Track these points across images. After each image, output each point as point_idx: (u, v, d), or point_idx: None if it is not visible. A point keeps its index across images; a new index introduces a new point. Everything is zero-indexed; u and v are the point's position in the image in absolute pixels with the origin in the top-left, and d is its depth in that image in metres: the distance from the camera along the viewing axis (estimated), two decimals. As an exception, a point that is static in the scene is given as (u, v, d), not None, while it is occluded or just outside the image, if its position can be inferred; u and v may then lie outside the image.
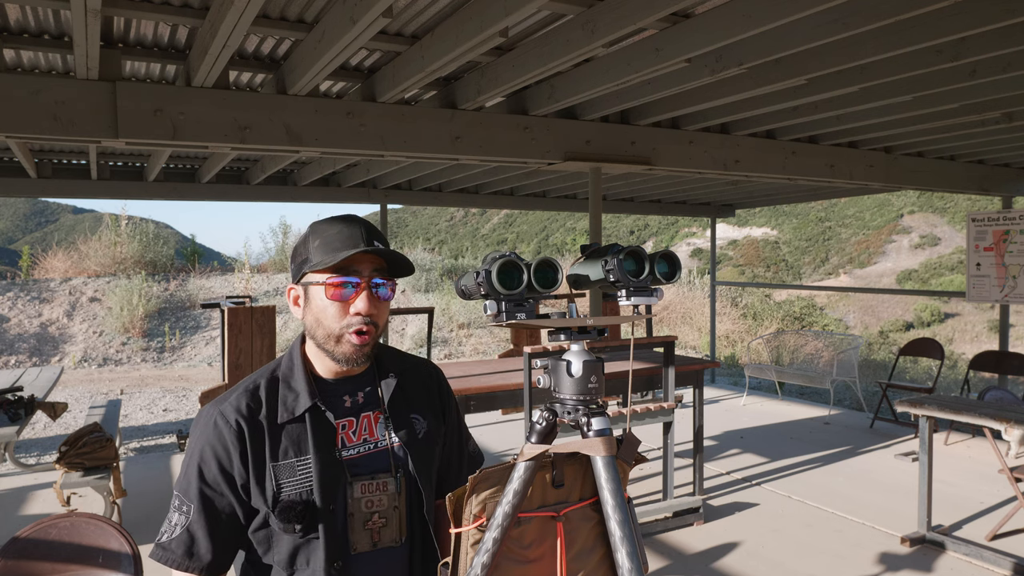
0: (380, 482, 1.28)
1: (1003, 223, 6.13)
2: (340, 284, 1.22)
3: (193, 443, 1.26)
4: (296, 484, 1.22)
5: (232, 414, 1.23)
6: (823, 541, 4.09)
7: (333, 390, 1.31)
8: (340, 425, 1.29)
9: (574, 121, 4.50)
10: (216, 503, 1.23)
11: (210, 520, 1.22)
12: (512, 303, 1.20)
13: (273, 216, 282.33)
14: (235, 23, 2.57)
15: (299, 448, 1.24)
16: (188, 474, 1.24)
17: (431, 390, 1.43)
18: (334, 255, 1.21)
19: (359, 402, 1.32)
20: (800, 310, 22.14)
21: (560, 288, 1.24)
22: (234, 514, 1.24)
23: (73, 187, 6.37)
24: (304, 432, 1.25)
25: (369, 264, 1.25)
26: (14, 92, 3.16)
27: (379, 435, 1.31)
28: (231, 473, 1.22)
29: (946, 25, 2.83)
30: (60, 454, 3.95)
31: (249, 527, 1.26)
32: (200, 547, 1.22)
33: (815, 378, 7.51)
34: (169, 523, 1.24)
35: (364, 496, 1.26)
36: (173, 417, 8.38)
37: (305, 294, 1.27)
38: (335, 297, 1.22)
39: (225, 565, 1.27)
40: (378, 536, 1.27)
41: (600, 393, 1.21)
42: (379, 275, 1.25)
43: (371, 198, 7.37)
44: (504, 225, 45.27)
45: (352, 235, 1.24)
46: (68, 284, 14.53)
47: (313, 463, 1.23)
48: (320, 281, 1.23)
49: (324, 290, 1.22)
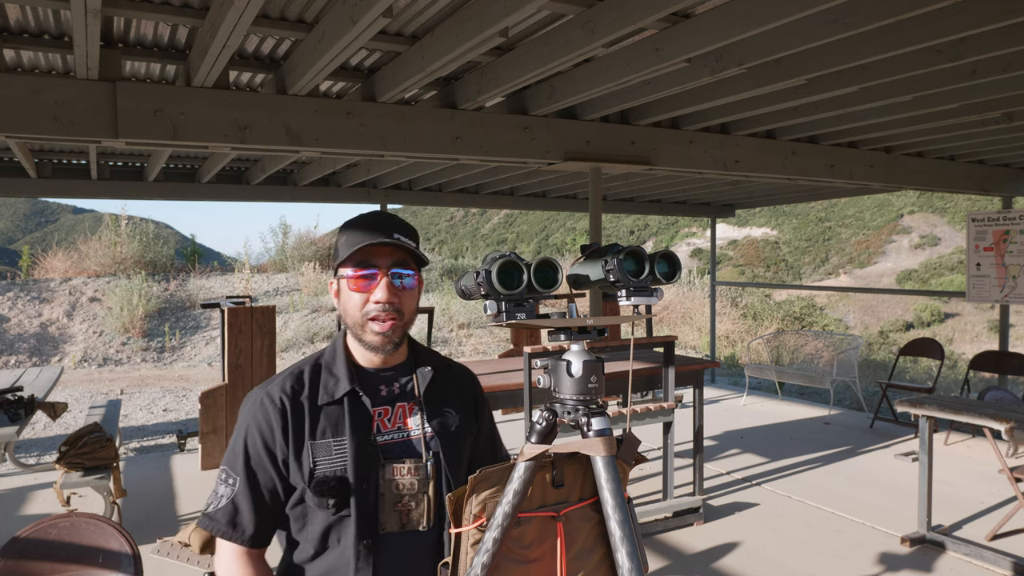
0: (411, 466, 1.34)
1: (1003, 223, 6.13)
2: (360, 276, 1.31)
3: (241, 421, 1.37)
4: (331, 462, 1.30)
5: (277, 394, 1.34)
6: (823, 541, 4.09)
7: (371, 379, 1.39)
8: (376, 412, 1.37)
9: (574, 121, 4.50)
10: (259, 477, 1.32)
11: (253, 493, 1.32)
12: (512, 303, 1.20)
13: (273, 216, 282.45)
14: (235, 23, 2.57)
15: (336, 429, 1.33)
16: (235, 449, 1.35)
17: (464, 389, 1.50)
18: (351, 248, 1.30)
19: (395, 392, 1.40)
20: (800, 310, 22.14)
21: (560, 288, 1.24)
22: (275, 489, 1.33)
23: (73, 187, 6.37)
24: (342, 415, 1.34)
25: (388, 256, 1.32)
26: (14, 92, 3.15)
27: (412, 424, 1.38)
28: (273, 449, 1.32)
29: (946, 25, 2.83)
30: (60, 454, 3.95)
31: (287, 503, 1.34)
32: (243, 518, 1.31)
33: (815, 378, 7.51)
34: (215, 495, 1.34)
35: (395, 478, 1.33)
36: (173, 417, 8.38)
37: (339, 287, 1.37)
38: (357, 288, 1.32)
39: (266, 539, 1.35)
40: (406, 518, 1.33)
41: (600, 393, 1.21)
42: (400, 266, 1.33)
43: (371, 198, 7.37)
44: (504, 225, 45.27)
45: (371, 229, 1.32)
46: (68, 284, 14.53)
47: (348, 443, 1.31)
48: (346, 275, 1.33)
49: (348, 282, 1.33)
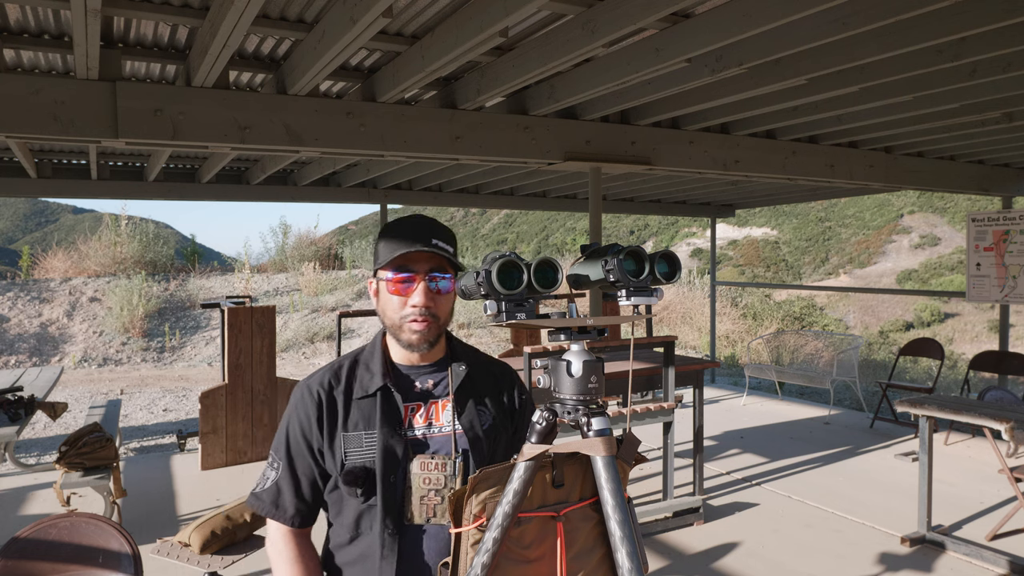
0: (439, 462, 1.38)
1: (1003, 223, 6.13)
2: (398, 280, 1.37)
3: (287, 411, 1.46)
4: (361, 454, 1.37)
5: (316, 387, 1.42)
6: (823, 541, 4.09)
7: (405, 375, 1.45)
8: (408, 408, 1.42)
9: (574, 121, 4.50)
10: (298, 464, 1.41)
11: (293, 478, 1.41)
12: (512, 303, 1.20)
13: (273, 216, 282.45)
14: (235, 23, 2.57)
15: (368, 422, 1.39)
16: (280, 436, 1.44)
17: (502, 387, 1.52)
18: (391, 254, 1.36)
19: (429, 388, 1.45)
20: (800, 310, 22.13)
21: (560, 288, 1.24)
22: (313, 476, 1.42)
23: (73, 187, 6.37)
24: (374, 409, 1.40)
25: (426, 262, 1.38)
26: (14, 92, 3.15)
27: (444, 421, 1.42)
28: (310, 439, 1.41)
29: (946, 25, 2.83)
30: (60, 454, 3.95)
31: (325, 489, 1.43)
32: (285, 500, 1.41)
33: (815, 378, 7.51)
34: (263, 476, 1.45)
35: (423, 472, 1.38)
36: (173, 417, 8.38)
37: (378, 288, 1.43)
38: (395, 292, 1.38)
39: (307, 520, 1.44)
40: (432, 512, 1.37)
41: (600, 393, 1.21)
42: (437, 271, 1.38)
43: (371, 198, 7.37)
44: (504, 225, 45.27)
45: (411, 235, 1.38)
46: (68, 284, 14.53)
47: (378, 436, 1.37)
48: (385, 278, 1.39)
49: (387, 285, 1.39)
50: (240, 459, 5.74)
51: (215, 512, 4.08)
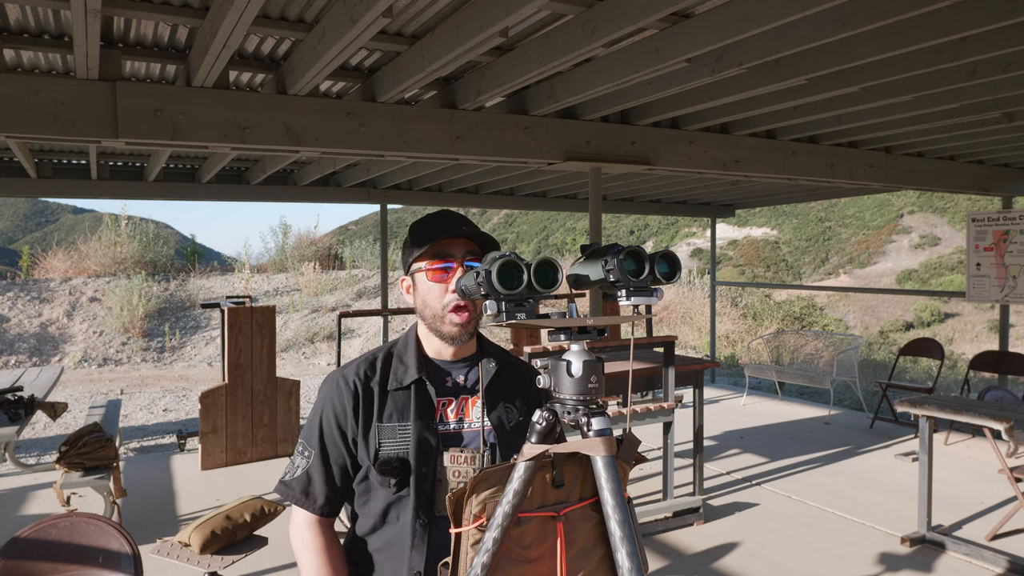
0: (469, 456, 1.41)
1: (1003, 223, 6.13)
2: (438, 267, 1.40)
3: (319, 400, 1.46)
4: (395, 445, 1.39)
5: (352, 377, 1.44)
6: (823, 541, 4.09)
7: (438, 370, 1.47)
8: (440, 402, 1.45)
9: (574, 121, 4.50)
10: (331, 453, 1.42)
11: (325, 467, 1.42)
12: (512, 303, 1.20)
13: (273, 216, 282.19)
14: (235, 23, 2.57)
15: (402, 414, 1.41)
16: (312, 425, 1.44)
17: (528, 387, 1.55)
18: (429, 240, 1.39)
19: (460, 384, 1.47)
20: (800, 310, 22.13)
21: (560, 288, 1.24)
22: (345, 465, 1.42)
23: (73, 187, 6.37)
24: (408, 401, 1.42)
25: (462, 247, 1.40)
26: (14, 92, 3.15)
27: (474, 417, 1.45)
28: (344, 428, 1.41)
29: (946, 25, 2.83)
30: (60, 454, 3.95)
31: (355, 479, 1.44)
32: (315, 489, 1.42)
33: (815, 378, 7.51)
34: (292, 465, 1.44)
35: (453, 465, 1.40)
36: (173, 417, 8.38)
37: (414, 282, 1.45)
38: (435, 279, 1.40)
39: (335, 509, 1.45)
40: None
41: (600, 393, 1.21)
42: (472, 257, 1.40)
43: (371, 198, 7.37)
44: (504, 225, 45.27)
45: (443, 223, 1.42)
46: (68, 284, 14.53)
47: (411, 428, 1.40)
48: (423, 267, 1.41)
49: (426, 274, 1.41)
50: (240, 459, 5.74)
51: (215, 512, 4.07)
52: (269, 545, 3.24)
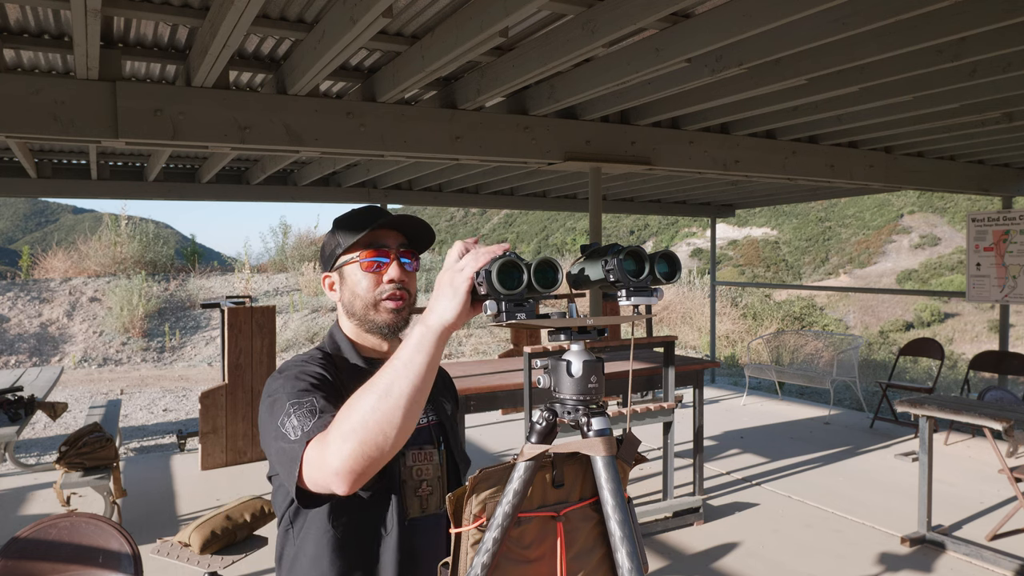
0: (427, 452, 1.39)
1: (1003, 223, 6.13)
2: (372, 257, 1.35)
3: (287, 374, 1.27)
4: None
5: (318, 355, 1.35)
6: (823, 541, 4.09)
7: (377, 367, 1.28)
8: None
9: (574, 121, 4.50)
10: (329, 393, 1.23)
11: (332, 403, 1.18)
12: (512, 303, 1.20)
13: (273, 216, 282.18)
14: (235, 23, 2.57)
15: None
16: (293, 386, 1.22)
17: (448, 385, 1.59)
18: (361, 230, 1.34)
19: None
20: (800, 310, 22.13)
21: (560, 288, 1.24)
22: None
23: (73, 187, 6.37)
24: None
25: (395, 238, 1.37)
26: (14, 92, 3.15)
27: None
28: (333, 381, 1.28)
29: (946, 25, 2.83)
30: (60, 454, 3.95)
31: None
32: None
33: (815, 378, 7.51)
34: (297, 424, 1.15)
35: (415, 464, 1.38)
36: (173, 417, 8.38)
37: (340, 277, 1.39)
38: (368, 268, 1.35)
39: None
40: (426, 504, 1.39)
41: (600, 393, 1.21)
42: (404, 250, 1.38)
43: (371, 198, 7.37)
44: (504, 225, 45.27)
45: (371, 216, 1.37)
46: (68, 284, 14.53)
47: None
48: (354, 259, 1.35)
49: (359, 265, 1.35)
50: (240, 459, 5.74)
51: (215, 512, 4.08)
52: (269, 545, 3.24)
